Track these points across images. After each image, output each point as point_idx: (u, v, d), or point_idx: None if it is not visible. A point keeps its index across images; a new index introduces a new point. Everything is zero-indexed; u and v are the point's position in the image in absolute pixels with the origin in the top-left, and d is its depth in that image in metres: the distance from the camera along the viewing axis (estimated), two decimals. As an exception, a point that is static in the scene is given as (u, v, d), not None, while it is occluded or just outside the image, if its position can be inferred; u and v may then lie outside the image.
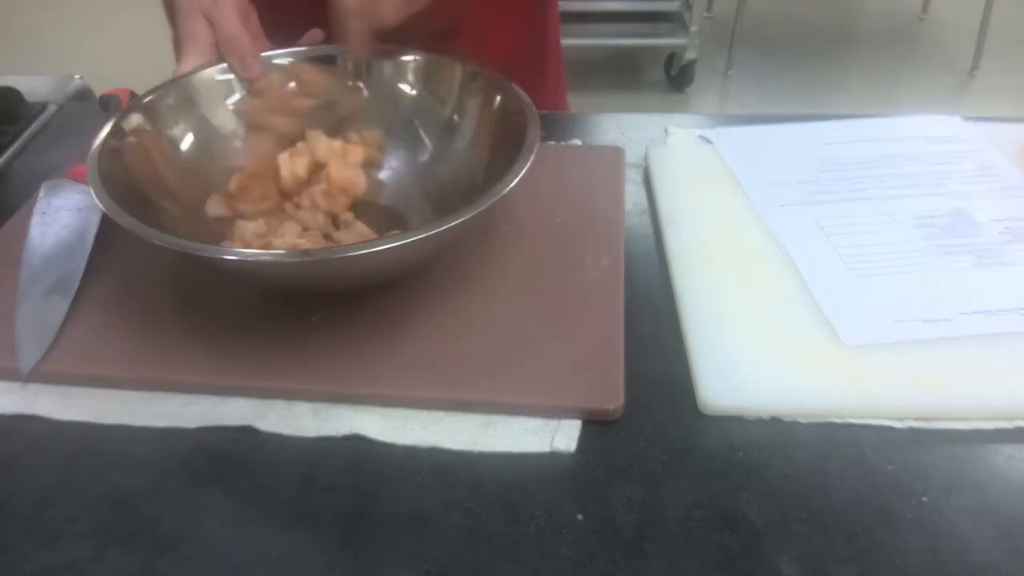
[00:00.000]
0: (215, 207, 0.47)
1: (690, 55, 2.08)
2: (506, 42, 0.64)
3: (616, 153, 0.55)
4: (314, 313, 0.42)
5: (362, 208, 0.48)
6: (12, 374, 0.40)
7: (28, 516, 0.34)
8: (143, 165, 0.45)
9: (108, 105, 0.55)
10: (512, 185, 0.39)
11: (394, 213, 0.49)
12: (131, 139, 0.45)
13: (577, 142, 0.57)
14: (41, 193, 0.50)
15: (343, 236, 0.46)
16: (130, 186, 0.42)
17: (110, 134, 0.44)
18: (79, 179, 0.51)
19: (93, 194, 0.39)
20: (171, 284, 0.45)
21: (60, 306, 0.42)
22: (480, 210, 0.38)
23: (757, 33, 2.35)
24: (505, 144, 0.45)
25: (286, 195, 0.48)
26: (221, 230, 0.46)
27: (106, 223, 0.49)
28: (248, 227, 0.45)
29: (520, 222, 0.48)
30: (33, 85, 0.65)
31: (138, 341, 0.41)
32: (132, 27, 2.43)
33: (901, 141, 0.56)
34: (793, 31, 2.46)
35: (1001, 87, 2.14)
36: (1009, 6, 2.23)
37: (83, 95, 0.66)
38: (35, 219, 0.48)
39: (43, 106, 0.63)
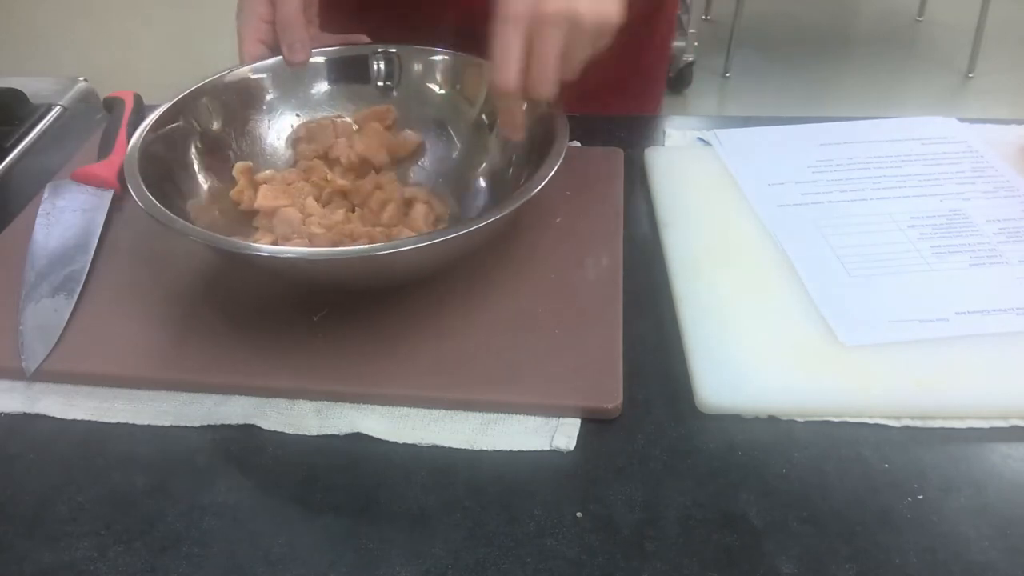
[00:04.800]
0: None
1: (688, 57, 2.09)
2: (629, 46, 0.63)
3: (615, 154, 0.55)
4: (316, 312, 0.42)
5: None
6: (17, 373, 0.40)
7: (30, 515, 0.35)
8: (176, 164, 0.45)
9: (112, 107, 0.56)
10: (541, 187, 0.39)
11: None
12: (166, 138, 0.45)
13: (576, 143, 0.58)
14: (46, 194, 0.50)
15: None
16: (163, 183, 0.43)
17: (148, 131, 0.44)
18: (83, 180, 0.51)
19: (132, 192, 0.40)
20: (175, 284, 0.45)
21: (65, 306, 0.43)
22: (513, 208, 0.38)
23: (755, 35, 2.35)
24: (534, 145, 0.45)
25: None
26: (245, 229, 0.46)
27: (110, 224, 0.49)
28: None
29: (520, 223, 0.48)
30: (38, 87, 0.65)
31: (142, 341, 0.41)
32: (137, 30, 2.44)
33: (898, 142, 0.56)
34: (791, 33, 2.46)
35: (997, 89, 2.14)
36: (1005, 8, 2.23)
37: (87, 97, 0.66)
38: (40, 219, 0.48)
39: (48, 107, 0.64)
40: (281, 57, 0.50)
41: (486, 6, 0.40)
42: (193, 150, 0.47)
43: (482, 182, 0.50)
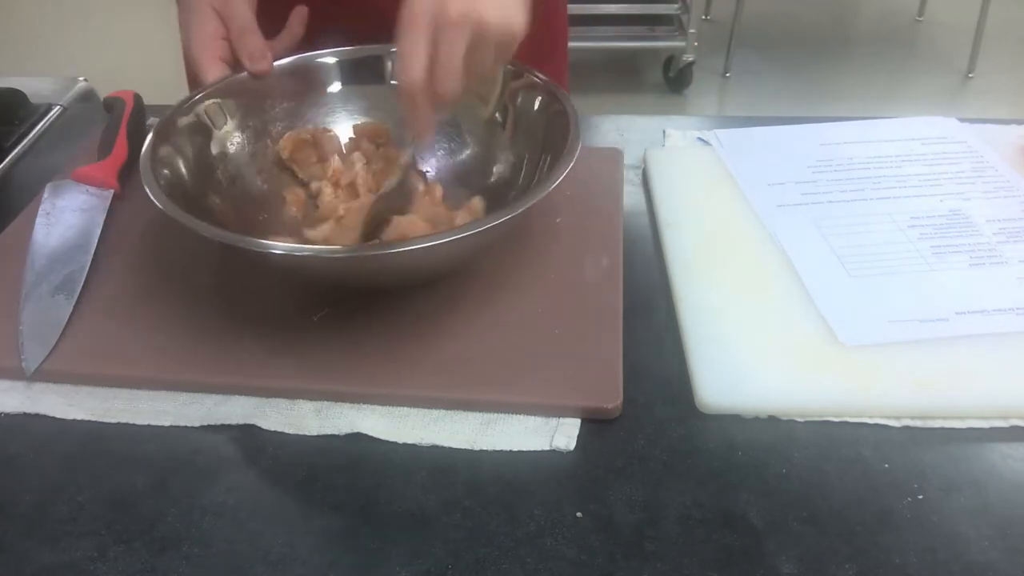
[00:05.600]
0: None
1: (688, 57, 2.09)
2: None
3: (615, 155, 0.55)
4: (316, 312, 0.42)
5: None
6: (17, 373, 0.40)
7: (30, 515, 0.35)
8: (187, 164, 0.45)
9: (113, 107, 0.56)
10: (554, 185, 0.39)
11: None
12: (178, 138, 0.45)
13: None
14: (45, 194, 0.50)
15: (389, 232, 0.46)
16: (176, 185, 0.43)
17: (158, 133, 0.44)
18: (83, 180, 0.51)
19: (148, 190, 0.40)
20: (175, 284, 0.45)
21: (64, 306, 0.43)
22: (528, 206, 0.38)
23: (755, 35, 2.35)
24: (547, 144, 0.45)
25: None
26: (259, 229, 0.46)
27: (110, 224, 0.49)
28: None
29: (521, 223, 0.48)
30: (37, 87, 0.66)
31: (142, 341, 0.41)
32: (135, 29, 2.44)
33: (898, 142, 0.56)
34: (791, 33, 2.46)
35: (997, 88, 2.14)
36: (1005, 8, 2.23)
37: (87, 97, 0.67)
38: (39, 219, 0.48)
39: (47, 107, 0.64)
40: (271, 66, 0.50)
41: (394, 10, 0.40)
42: (204, 150, 0.47)
43: (494, 181, 0.50)
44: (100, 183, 0.51)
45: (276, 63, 0.50)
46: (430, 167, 0.52)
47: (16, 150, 0.59)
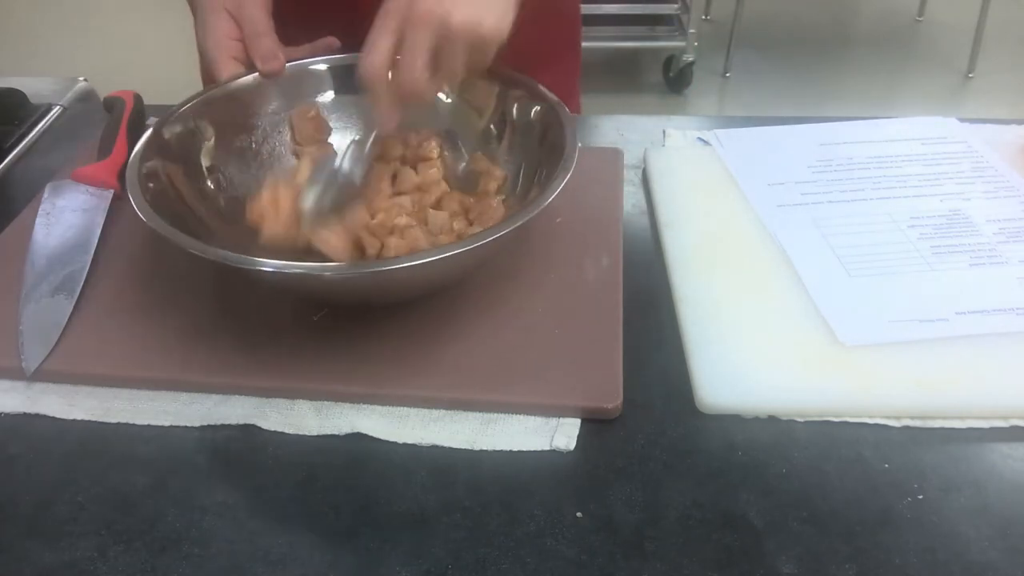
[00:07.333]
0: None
1: (688, 57, 2.09)
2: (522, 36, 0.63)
3: (615, 155, 0.55)
4: (316, 312, 0.42)
5: None
6: (17, 373, 0.40)
7: (30, 515, 0.35)
8: (179, 173, 0.45)
9: (113, 107, 0.56)
10: (551, 199, 0.39)
11: None
12: (168, 147, 0.45)
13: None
14: (45, 194, 0.50)
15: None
16: (166, 195, 0.42)
17: (148, 142, 0.44)
18: (83, 180, 0.51)
19: (133, 202, 0.39)
20: (174, 284, 0.45)
21: (64, 306, 0.43)
22: (521, 223, 0.38)
23: (755, 35, 2.35)
24: (543, 155, 0.45)
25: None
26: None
27: (110, 224, 0.49)
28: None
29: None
30: (38, 87, 0.66)
31: (141, 341, 0.41)
32: (135, 29, 2.44)
33: (898, 142, 0.56)
34: (791, 33, 2.46)
35: (997, 88, 2.14)
36: (1005, 8, 2.23)
37: (87, 97, 0.66)
38: (39, 219, 0.48)
39: (47, 107, 0.64)
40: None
41: None
42: (196, 158, 0.47)
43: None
44: (100, 183, 0.51)
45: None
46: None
47: (16, 150, 0.59)
